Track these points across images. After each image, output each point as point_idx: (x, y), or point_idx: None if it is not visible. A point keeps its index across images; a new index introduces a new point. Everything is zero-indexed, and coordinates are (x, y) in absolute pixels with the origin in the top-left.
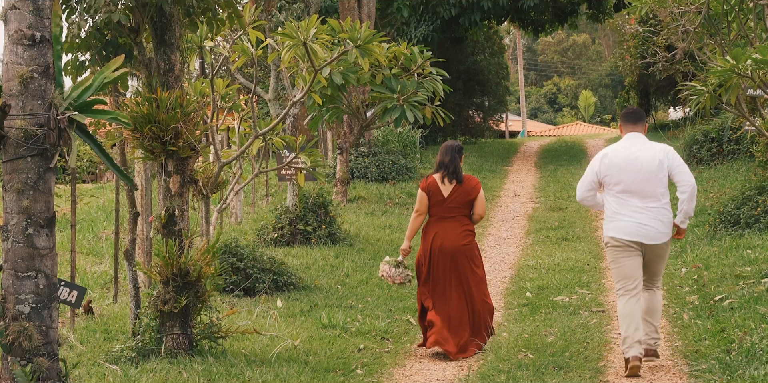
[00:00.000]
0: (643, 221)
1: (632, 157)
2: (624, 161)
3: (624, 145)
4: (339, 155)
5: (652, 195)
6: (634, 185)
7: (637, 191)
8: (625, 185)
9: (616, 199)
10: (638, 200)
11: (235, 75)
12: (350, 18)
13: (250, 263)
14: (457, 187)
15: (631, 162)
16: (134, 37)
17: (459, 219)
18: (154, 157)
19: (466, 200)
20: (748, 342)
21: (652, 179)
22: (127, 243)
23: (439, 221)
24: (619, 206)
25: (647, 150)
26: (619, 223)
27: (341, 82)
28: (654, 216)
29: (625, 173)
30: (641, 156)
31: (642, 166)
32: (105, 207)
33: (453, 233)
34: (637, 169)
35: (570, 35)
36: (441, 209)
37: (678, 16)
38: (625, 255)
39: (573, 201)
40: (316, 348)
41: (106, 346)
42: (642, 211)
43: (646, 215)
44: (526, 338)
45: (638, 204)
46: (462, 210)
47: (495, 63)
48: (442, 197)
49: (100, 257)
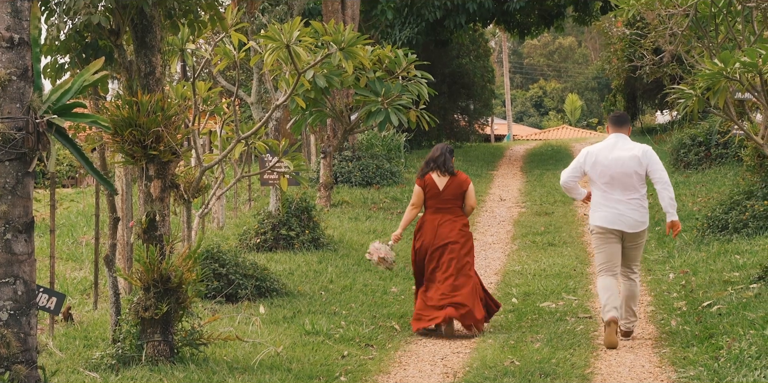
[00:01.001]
0: (623, 212)
1: (615, 154)
2: (607, 157)
3: (609, 143)
4: (323, 159)
5: (632, 188)
6: (616, 178)
7: (619, 184)
8: (608, 179)
9: (600, 191)
10: (619, 192)
11: (217, 78)
12: (334, 20)
13: (233, 269)
14: (451, 180)
15: (614, 159)
16: (114, 39)
17: (453, 211)
18: (134, 161)
19: (459, 193)
20: (737, 348)
21: (632, 174)
22: (107, 249)
23: (436, 213)
24: (602, 197)
25: (629, 149)
26: (603, 213)
27: (325, 85)
28: (633, 207)
29: (608, 168)
30: (623, 154)
31: (623, 162)
32: (85, 212)
33: (448, 223)
34: (619, 165)
35: (556, 38)
36: (437, 201)
37: (665, 18)
38: (607, 241)
39: (559, 206)
40: (299, 354)
41: (85, 353)
42: (623, 202)
43: (626, 205)
44: (512, 344)
45: (619, 196)
46: (456, 202)
47: (480, 66)
48: (438, 190)
49: (79, 263)
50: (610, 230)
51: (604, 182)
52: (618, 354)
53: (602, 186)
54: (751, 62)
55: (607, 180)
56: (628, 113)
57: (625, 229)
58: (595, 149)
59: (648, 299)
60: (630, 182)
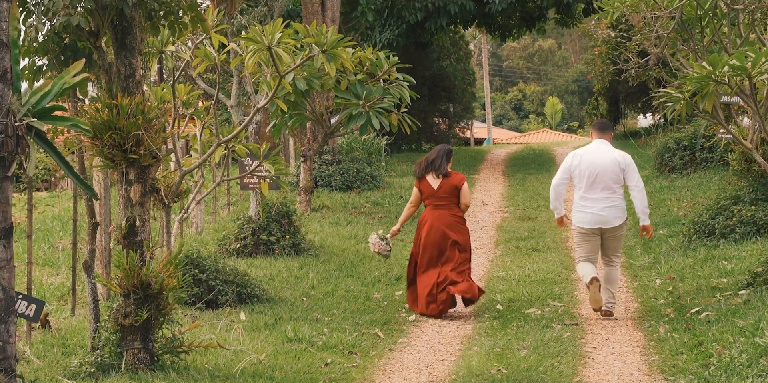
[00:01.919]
0: (601, 211)
1: (597, 158)
2: (590, 161)
3: (592, 148)
4: (303, 163)
5: (610, 188)
6: (597, 179)
7: (599, 184)
8: (589, 181)
9: (581, 192)
10: (599, 191)
11: (197, 81)
12: (316, 22)
13: (213, 275)
14: (444, 180)
15: (596, 162)
16: (94, 41)
17: (449, 207)
18: (114, 165)
19: (453, 191)
20: (727, 356)
21: (611, 176)
22: (85, 254)
23: (434, 209)
24: (582, 198)
25: (609, 155)
26: (583, 214)
27: (305, 88)
28: (611, 204)
29: (589, 171)
30: (604, 157)
31: (605, 166)
32: (60, 216)
33: (445, 218)
34: (601, 167)
35: (536, 40)
36: (434, 199)
37: (651, 21)
38: (587, 239)
39: (543, 211)
40: (281, 362)
41: (64, 361)
42: (600, 200)
43: (604, 203)
44: (498, 352)
45: (599, 195)
46: (451, 199)
47: (461, 69)
48: (433, 190)
49: (56, 269)
50: (592, 229)
51: (586, 182)
52: (606, 361)
53: (584, 186)
54: (740, 65)
55: (589, 181)
56: (611, 116)
57: (603, 226)
58: (580, 152)
59: (635, 305)
60: (609, 183)
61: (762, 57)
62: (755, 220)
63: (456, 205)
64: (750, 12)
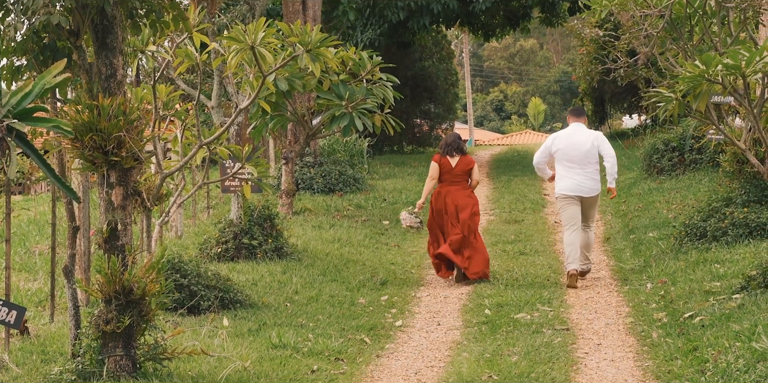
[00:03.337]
0: (580, 182)
1: (575, 138)
2: (569, 141)
3: (570, 131)
4: (284, 166)
5: (587, 164)
6: (576, 156)
7: (577, 160)
8: (570, 157)
9: (563, 166)
10: (578, 167)
11: (177, 81)
12: (299, 21)
13: (195, 280)
14: (461, 159)
15: (574, 142)
16: (74, 40)
17: (462, 184)
18: (95, 167)
19: (467, 169)
20: (723, 361)
21: (587, 153)
22: (65, 259)
23: (449, 185)
24: (565, 171)
25: (585, 136)
26: (566, 183)
27: (286, 88)
28: (588, 177)
29: (570, 149)
30: (581, 138)
31: (582, 144)
32: (37, 220)
33: (459, 193)
34: (578, 146)
35: (517, 40)
36: (450, 175)
37: (640, 19)
38: (569, 204)
39: (529, 213)
40: (267, 369)
41: (43, 369)
42: (581, 174)
43: (583, 176)
44: (488, 358)
45: (578, 169)
46: (464, 177)
47: (443, 69)
48: (451, 167)
49: (33, 274)
50: (571, 196)
51: (567, 159)
52: (599, 367)
53: (566, 162)
54: (734, 65)
55: (570, 157)
56: (597, 117)
57: (582, 194)
58: (559, 135)
59: (626, 310)
60: (586, 159)
61: (756, 56)
62: (748, 222)
63: (466, 182)
64: (741, 10)
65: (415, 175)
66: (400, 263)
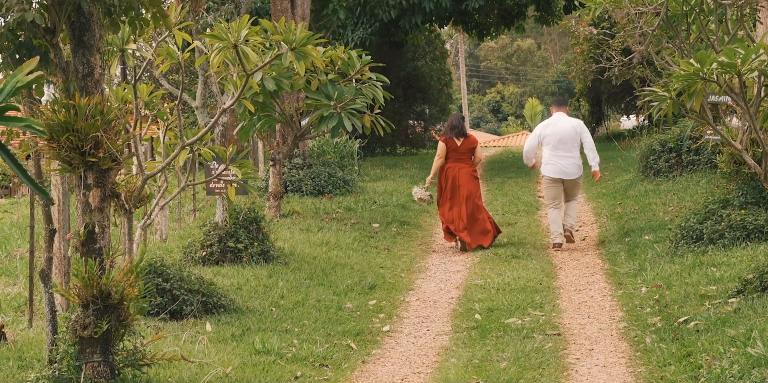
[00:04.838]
0: (564, 166)
1: (559, 126)
2: (554, 129)
3: (554, 119)
4: (272, 167)
5: (570, 149)
6: (560, 143)
7: (561, 146)
8: (555, 143)
9: (549, 151)
10: (562, 152)
11: (160, 81)
12: (283, 19)
13: (177, 284)
14: (465, 140)
15: (558, 129)
16: (50, 38)
17: (466, 161)
18: (72, 169)
19: (470, 148)
20: (718, 367)
21: (570, 140)
22: (43, 263)
23: (455, 162)
24: (550, 155)
25: (568, 123)
26: (551, 167)
27: (274, 88)
28: (571, 162)
29: (554, 136)
30: (565, 125)
31: (565, 132)
32: (19, 223)
33: (464, 169)
34: (562, 133)
35: (514, 40)
36: (455, 154)
37: (635, 17)
38: (553, 185)
39: (523, 216)
40: (249, 376)
41: (20, 375)
42: (564, 158)
43: (566, 161)
44: (477, 364)
45: (562, 154)
46: (467, 155)
47: (437, 69)
48: (457, 146)
49: (13, 278)
50: (555, 178)
51: (552, 145)
52: (590, 374)
53: (551, 148)
54: (729, 62)
55: (555, 143)
56: (593, 118)
57: (564, 177)
58: (546, 123)
59: (620, 314)
60: (569, 145)
61: (752, 53)
62: (745, 225)
63: (470, 159)
64: (738, 7)
65: (407, 177)
66: (389, 266)
